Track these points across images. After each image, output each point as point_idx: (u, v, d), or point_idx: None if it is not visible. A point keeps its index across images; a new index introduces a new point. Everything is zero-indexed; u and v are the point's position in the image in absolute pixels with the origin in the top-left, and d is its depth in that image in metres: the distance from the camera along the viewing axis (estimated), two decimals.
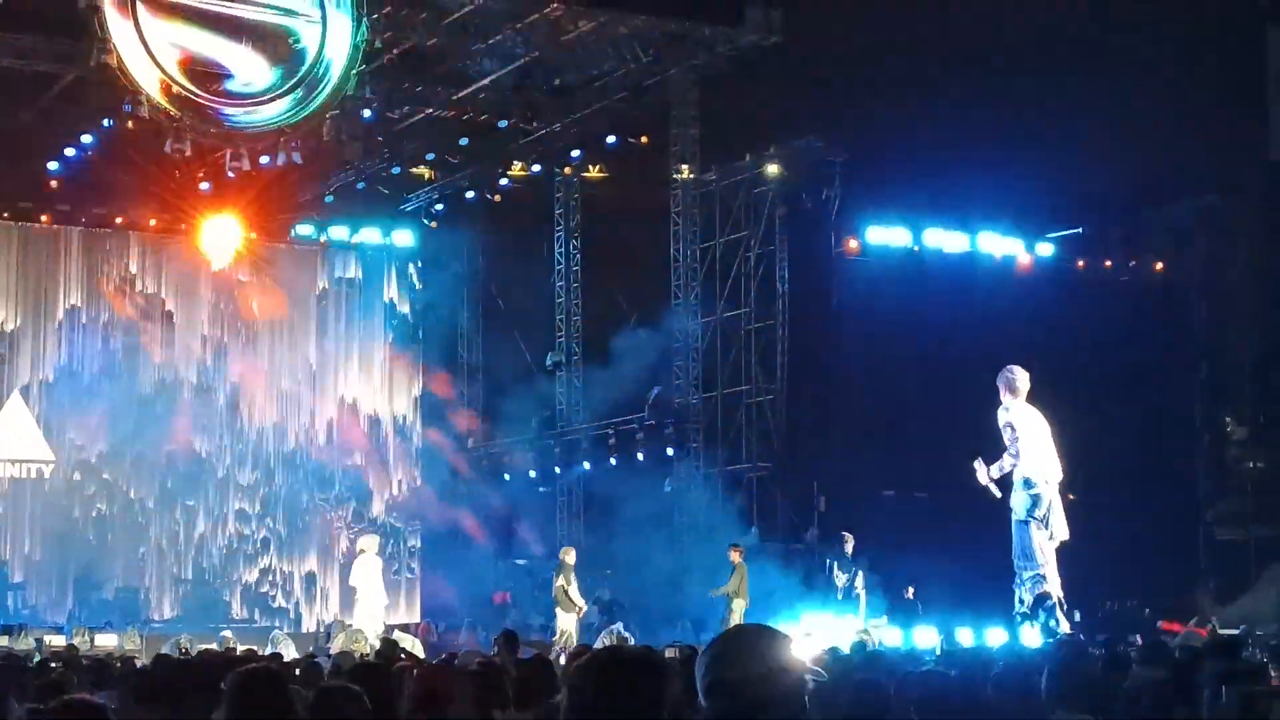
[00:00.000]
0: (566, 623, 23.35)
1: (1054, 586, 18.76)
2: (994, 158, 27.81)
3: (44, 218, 29.41)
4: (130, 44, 22.84)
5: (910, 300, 28.73)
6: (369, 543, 25.08)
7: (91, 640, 23.62)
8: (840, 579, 23.47)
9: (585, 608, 23.89)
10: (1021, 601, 18.82)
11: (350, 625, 23.51)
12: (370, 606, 24.16)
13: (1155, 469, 29.91)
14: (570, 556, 23.94)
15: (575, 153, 29.99)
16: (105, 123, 25.35)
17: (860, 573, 23.50)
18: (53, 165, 28.28)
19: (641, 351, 30.07)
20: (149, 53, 22.98)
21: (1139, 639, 18.20)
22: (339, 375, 31.81)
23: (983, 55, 28.36)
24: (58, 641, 22.86)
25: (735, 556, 23.93)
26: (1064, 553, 19.00)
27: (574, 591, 23.45)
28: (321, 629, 28.32)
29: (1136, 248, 31.51)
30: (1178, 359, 30.86)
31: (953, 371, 26.67)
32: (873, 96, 28.21)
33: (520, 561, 30.32)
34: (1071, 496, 19.64)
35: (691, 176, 29.23)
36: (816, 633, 20.24)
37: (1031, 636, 17.83)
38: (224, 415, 30.73)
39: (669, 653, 12.70)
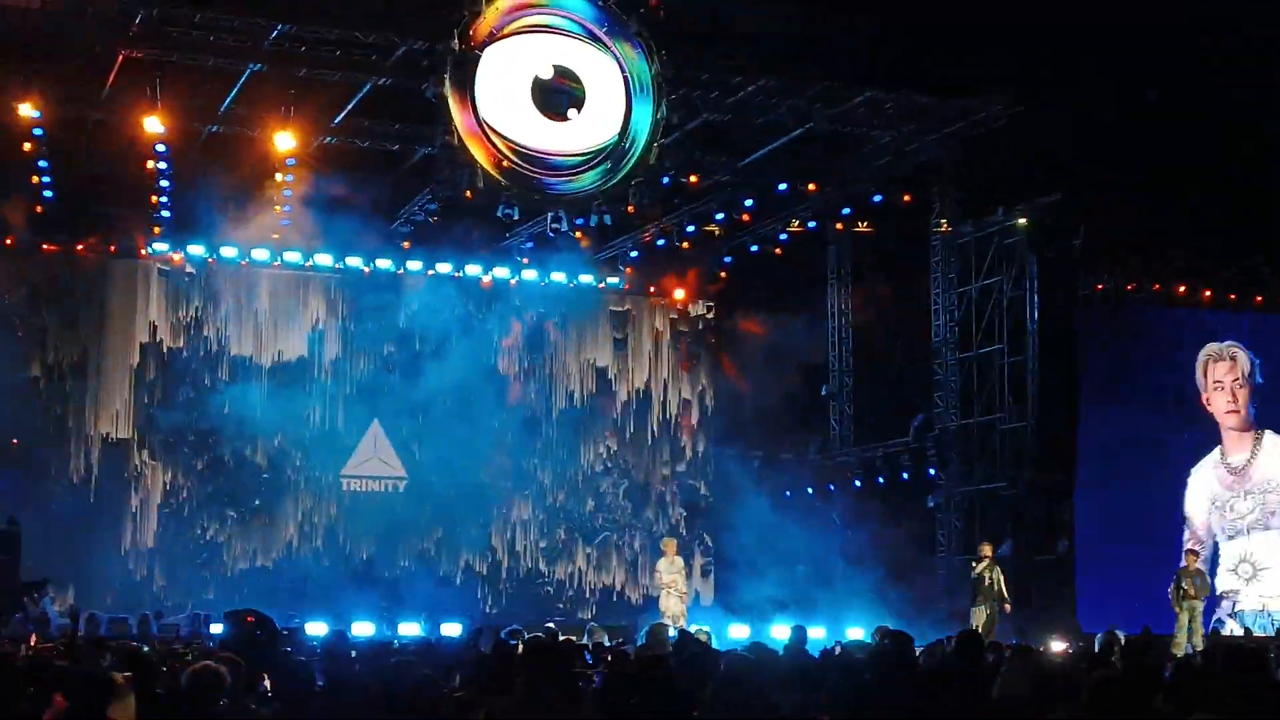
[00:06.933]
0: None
1: None
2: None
3: (399, 272, 32.83)
4: (469, 128, 25.15)
5: (1150, 341, 31.06)
6: (669, 545, 27.55)
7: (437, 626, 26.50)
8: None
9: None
10: None
11: (659, 622, 24.54)
12: (671, 603, 26.28)
13: None
14: None
15: (846, 210, 31.65)
16: (448, 193, 27.09)
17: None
18: (404, 229, 31.29)
19: (906, 384, 32.85)
20: (485, 135, 25.27)
21: None
22: (642, 404, 35.36)
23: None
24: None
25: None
26: None
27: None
28: (633, 625, 30.28)
29: None
30: None
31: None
32: (1108, 155, 30.30)
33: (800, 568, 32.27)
34: None
35: (949, 230, 31.50)
36: None
37: None
38: (546, 443, 34.51)
39: None
